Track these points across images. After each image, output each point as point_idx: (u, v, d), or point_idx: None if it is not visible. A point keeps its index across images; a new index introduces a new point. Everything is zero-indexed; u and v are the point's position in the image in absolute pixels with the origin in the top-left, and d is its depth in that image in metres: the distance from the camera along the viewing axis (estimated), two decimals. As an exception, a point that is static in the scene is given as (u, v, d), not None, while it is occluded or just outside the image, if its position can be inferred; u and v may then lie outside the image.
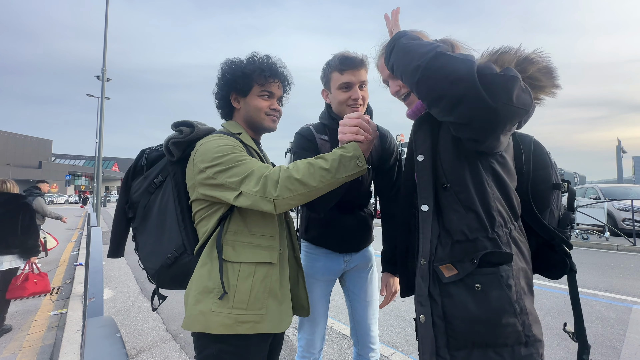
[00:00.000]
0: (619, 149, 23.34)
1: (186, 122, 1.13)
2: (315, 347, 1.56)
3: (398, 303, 4.09)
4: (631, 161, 39.21)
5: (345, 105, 1.42)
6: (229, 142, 1.08)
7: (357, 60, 1.37)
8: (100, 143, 12.29)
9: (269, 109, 1.23)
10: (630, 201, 8.40)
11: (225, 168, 1.01)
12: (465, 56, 0.77)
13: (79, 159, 77.66)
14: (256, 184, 0.98)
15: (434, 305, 0.85)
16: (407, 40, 0.89)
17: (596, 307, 3.93)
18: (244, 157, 1.05)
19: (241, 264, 1.04)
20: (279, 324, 1.07)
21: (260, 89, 1.21)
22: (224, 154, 1.03)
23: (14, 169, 54.03)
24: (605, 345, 2.94)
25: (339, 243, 1.56)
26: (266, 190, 0.96)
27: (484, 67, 0.74)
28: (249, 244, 1.07)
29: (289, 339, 3.08)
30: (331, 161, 1.00)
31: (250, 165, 1.02)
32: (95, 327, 0.90)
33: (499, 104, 0.71)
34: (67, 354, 2.86)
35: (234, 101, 1.25)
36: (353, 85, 1.39)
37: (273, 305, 1.07)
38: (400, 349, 2.91)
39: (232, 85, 1.21)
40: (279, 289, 1.10)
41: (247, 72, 1.19)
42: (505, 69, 0.76)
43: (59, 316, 3.91)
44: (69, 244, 9.50)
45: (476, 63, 0.75)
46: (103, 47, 11.76)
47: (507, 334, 0.79)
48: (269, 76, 1.20)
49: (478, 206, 0.85)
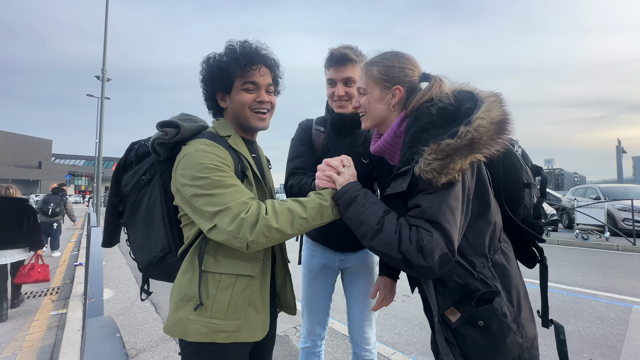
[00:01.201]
0: (619, 149, 23.34)
1: (171, 121, 1.07)
2: (315, 333, 1.66)
3: (398, 303, 4.09)
4: (631, 161, 39.19)
5: (332, 100, 1.45)
6: (213, 157, 1.00)
7: (340, 57, 1.36)
8: (100, 143, 12.29)
9: (255, 102, 1.11)
10: (630, 201, 8.41)
11: (203, 193, 0.95)
12: (392, 233, 0.91)
13: (79, 159, 77.69)
14: (231, 222, 0.92)
15: (453, 348, 0.98)
16: (361, 207, 0.99)
17: (596, 307, 3.93)
18: (225, 181, 0.97)
19: (222, 274, 1.02)
20: (255, 334, 1.06)
21: (242, 82, 1.09)
22: (204, 176, 0.96)
23: (14, 169, 54.03)
24: (605, 345, 2.94)
25: (335, 242, 1.58)
26: (240, 232, 0.91)
27: (408, 245, 0.87)
28: (231, 255, 1.04)
29: (289, 339, 3.08)
30: (310, 210, 0.98)
31: (229, 197, 0.95)
32: (95, 327, 0.91)
33: (433, 263, 0.86)
34: (67, 354, 2.86)
35: (221, 100, 1.16)
36: (336, 82, 1.40)
37: (252, 315, 1.05)
38: (400, 349, 2.91)
39: (213, 84, 1.12)
40: (259, 299, 1.08)
41: (223, 66, 1.08)
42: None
43: (59, 316, 3.91)
44: (69, 244, 9.50)
45: (404, 239, 0.88)
46: (103, 47, 11.76)
47: (513, 350, 0.95)
48: (246, 64, 1.07)
49: (459, 258, 0.96)
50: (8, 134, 56.15)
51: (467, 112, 0.96)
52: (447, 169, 0.87)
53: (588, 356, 2.74)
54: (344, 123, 1.47)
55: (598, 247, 8.03)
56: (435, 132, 0.95)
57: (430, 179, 0.88)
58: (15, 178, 53.20)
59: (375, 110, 1.11)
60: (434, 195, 0.90)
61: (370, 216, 0.95)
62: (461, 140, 0.88)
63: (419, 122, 1.01)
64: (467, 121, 0.91)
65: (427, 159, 0.89)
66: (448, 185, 0.89)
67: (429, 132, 0.97)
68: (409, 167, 0.94)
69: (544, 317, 1.15)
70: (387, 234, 0.91)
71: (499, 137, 0.92)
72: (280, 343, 2.99)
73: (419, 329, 3.33)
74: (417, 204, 0.92)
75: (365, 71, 1.12)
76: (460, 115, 0.97)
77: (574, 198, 10.64)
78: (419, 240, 0.86)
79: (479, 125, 0.90)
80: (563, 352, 1.09)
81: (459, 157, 0.88)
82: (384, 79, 1.08)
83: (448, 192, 0.90)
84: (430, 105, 1.02)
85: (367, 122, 1.15)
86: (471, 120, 0.91)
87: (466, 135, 0.89)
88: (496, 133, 0.91)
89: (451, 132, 0.92)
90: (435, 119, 0.98)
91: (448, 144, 0.89)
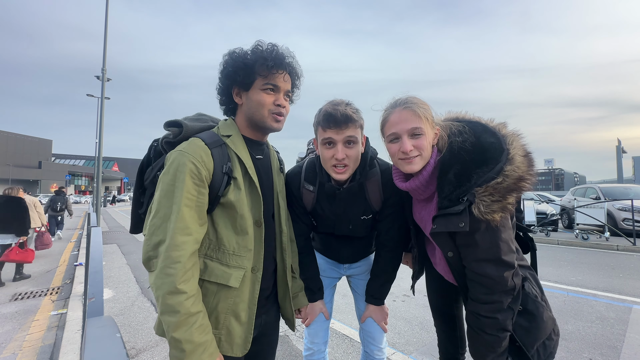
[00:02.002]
0: (619, 149, 23.33)
1: (176, 121, 1.09)
2: (318, 336, 1.63)
3: (398, 304, 4.09)
4: (631, 161, 39.18)
5: (330, 165, 1.30)
6: (185, 159, 0.96)
7: (342, 118, 1.23)
8: (100, 143, 12.28)
9: (273, 105, 1.10)
10: (630, 201, 8.40)
11: (154, 210, 0.95)
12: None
13: (79, 159, 77.67)
14: (151, 249, 0.93)
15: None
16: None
17: (596, 307, 3.93)
18: (175, 195, 0.93)
19: (204, 282, 1.01)
20: (236, 348, 1.03)
21: (264, 82, 1.08)
22: (162, 192, 0.95)
23: (14, 169, 54.03)
24: (605, 345, 2.94)
25: (336, 258, 1.70)
26: (148, 262, 0.93)
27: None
28: (218, 261, 1.03)
29: (289, 339, 3.08)
30: (190, 343, 0.88)
31: (165, 222, 0.93)
32: (95, 327, 0.90)
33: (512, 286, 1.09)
34: (67, 354, 2.86)
35: (236, 96, 1.14)
36: (336, 143, 1.27)
37: (234, 327, 1.03)
38: (400, 349, 2.91)
39: (233, 78, 1.10)
40: (244, 311, 1.05)
41: (248, 63, 1.07)
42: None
43: (59, 316, 3.91)
44: (69, 244, 9.49)
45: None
46: (103, 48, 11.76)
47: (549, 324, 1.12)
48: (273, 67, 1.07)
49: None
50: (8, 134, 56.11)
51: (494, 146, 1.05)
52: (505, 209, 0.99)
53: (588, 356, 2.74)
54: (340, 194, 1.41)
55: (598, 247, 8.02)
56: (481, 170, 1.03)
57: (490, 220, 0.99)
58: (15, 178, 53.17)
59: (429, 151, 1.15)
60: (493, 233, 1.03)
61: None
62: (510, 179, 0.99)
63: (459, 160, 1.09)
64: (509, 159, 1.01)
65: (485, 200, 0.99)
66: (504, 221, 1.03)
67: (475, 171, 1.04)
68: (463, 208, 1.01)
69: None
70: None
71: (532, 169, 1.03)
72: (281, 343, 2.99)
73: (419, 329, 3.33)
74: (476, 242, 1.04)
75: (419, 111, 1.12)
76: (487, 148, 1.06)
77: (574, 198, 10.63)
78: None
79: (520, 163, 1.01)
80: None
81: (512, 194, 0.99)
82: (430, 120, 1.15)
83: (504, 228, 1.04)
84: (463, 141, 1.11)
85: (420, 162, 1.14)
86: (511, 158, 1.01)
87: (513, 173, 0.99)
88: (529, 166, 1.03)
89: (496, 169, 1.01)
90: (474, 156, 1.07)
91: (501, 183, 0.99)
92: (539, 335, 1.10)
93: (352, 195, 1.43)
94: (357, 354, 2.81)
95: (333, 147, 1.29)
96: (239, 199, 1.04)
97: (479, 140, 1.09)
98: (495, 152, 1.04)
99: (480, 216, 0.99)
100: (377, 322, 1.56)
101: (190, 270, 0.93)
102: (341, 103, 1.29)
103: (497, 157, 1.02)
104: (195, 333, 0.89)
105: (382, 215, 1.48)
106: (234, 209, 1.03)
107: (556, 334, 1.15)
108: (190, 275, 0.92)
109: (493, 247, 1.02)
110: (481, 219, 1.00)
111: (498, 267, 1.03)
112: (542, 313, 1.10)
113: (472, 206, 1.00)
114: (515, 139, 1.07)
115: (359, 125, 1.30)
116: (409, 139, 1.13)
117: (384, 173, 1.44)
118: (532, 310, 1.10)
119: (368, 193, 1.44)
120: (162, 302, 0.88)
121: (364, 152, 1.37)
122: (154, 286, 0.90)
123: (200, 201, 0.97)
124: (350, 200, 1.44)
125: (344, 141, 1.27)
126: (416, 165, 1.14)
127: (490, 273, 1.03)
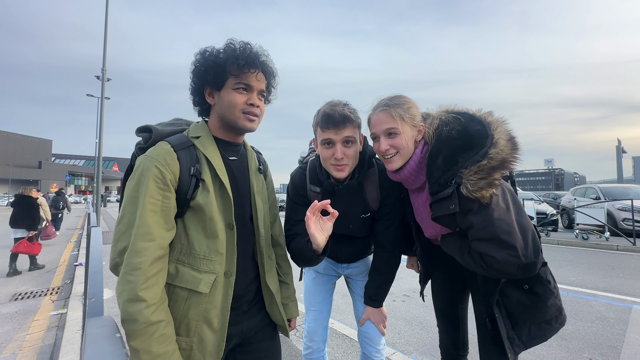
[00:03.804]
0: (619, 149, 23.33)
1: (146, 127, 1.08)
2: (317, 335, 1.65)
3: (398, 304, 4.09)
4: (631, 161, 39.20)
5: (329, 164, 1.35)
6: (144, 176, 0.94)
7: (340, 118, 1.27)
8: (100, 143, 12.28)
9: (246, 105, 1.06)
10: (630, 201, 8.40)
11: (120, 216, 0.94)
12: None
13: (79, 159, 77.71)
14: (118, 255, 0.92)
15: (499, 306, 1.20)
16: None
17: (596, 307, 3.93)
18: (138, 212, 0.92)
19: (175, 287, 0.98)
20: (204, 355, 0.99)
21: (236, 81, 1.05)
22: (127, 198, 0.94)
23: (14, 169, 54.00)
24: (605, 345, 2.94)
25: (334, 257, 1.69)
26: (124, 271, 0.90)
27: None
28: (189, 266, 1.00)
29: (289, 339, 3.08)
30: (148, 354, 0.85)
31: (132, 239, 0.90)
32: (95, 327, 0.90)
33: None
34: (67, 354, 2.86)
35: (209, 96, 1.11)
36: (335, 143, 1.31)
37: (207, 335, 1.00)
38: (400, 349, 2.91)
39: (205, 78, 1.07)
40: (216, 317, 1.01)
41: (219, 61, 1.04)
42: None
43: (59, 316, 3.91)
44: (69, 244, 9.50)
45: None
46: (103, 48, 11.76)
47: (552, 310, 1.15)
48: (245, 65, 1.04)
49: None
50: (8, 134, 56.13)
51: (480, 132, 1.13)
52: (492, 184, 1.04)
53: (588, 356, 2.74)
54: (340, 191, 1.44)
55: (598, 247, 8.03)
56: (467, 154, 1.11)
57: (479, 197, 1.04)
58: (15, 178, 53.18)
59: (410, 148, 1.25)
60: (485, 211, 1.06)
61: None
62: (495, 161, 1.06)
63: (447, 147, 1.16)
64: (493, 143, 1.08)
65: (472, 179, 1.05)
66: (492, 200, 1.07)
67: (461, 155, 1.12)
68: (452, 190, 1.08)
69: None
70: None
71: (516, 152, 1.11)
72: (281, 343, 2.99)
73: (419, 329, 3.33)
74: (472, 223, 1.08)
75: (395, 113, 1.23)
76: (473, 135, 1.14)
77: (574, 198, 10.64)
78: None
79: (504, 146, 1.08)
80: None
81: (496, 172, 1.05)
82: (411, 118, 1.24)
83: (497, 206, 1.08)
84: (450, 129, 1.19)
85: (399, 161, 1.27)
86: (495, 142, 1.08)
87: (497, 155, 1.06)
88: (512, 149, 1.10)
89: (481, 153, 1.08)
90: (461, 143, 1.14)
91: (486, 164, 1.05)
92: (536, 315, 1.14)
93: (351, 193, 1.44)
94: (357, 353, 2.81)
95: (332, 147, 1.32)
96: (208, 202, 1.01)
97: (465, 129, 1.17)
98: (480, 138, 1.12)
99: (469, 195, 1.05)
100: (375, 324, 1.55)
101: (154, 277, 0.89)
102: (339, 104, 1.32)
103: (482, 142, 1.10)
104: (155, 343, 0.86)
105: (379, 214, 1.50)
106: (202, 211, 1.01)
107: (558, 323, 1.18)
108: (153, 282, 0.89)
109: (488, 225, 1.04)
110: (471, 197, 1.05)
111: (498, 246, 1.04)
112: (548, 298, 1.13)
113: (460, 187, 1.07)
114: (500, 125, 1.15)
115: (356, 125, 1.33)
116: (386, 138, 1.25)
117: (381, 173, 1.45)
118: (538, 292, 1.13)
119: (366, 192, 1.46)
120: (122, 309, 0.86)
121: (362, 151, 1.41)
122: (116, 293, 0.88)
123: (166, 205, 0.95)
124: (350, 199, 1.45)
125: (343, 141, 1.30)
126: (395, 164, 1.26)
127: (490, 252, 1.05)
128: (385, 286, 1.53)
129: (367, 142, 1.46)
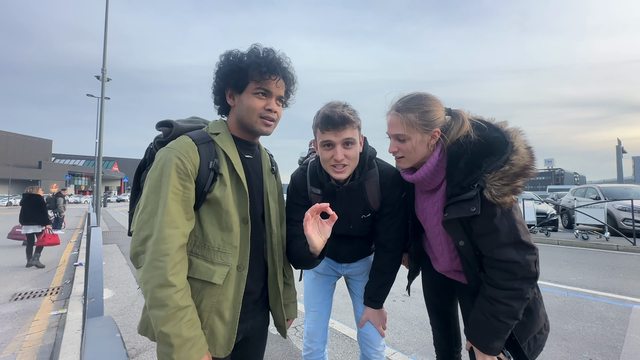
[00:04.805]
0: (619, 149, 23.32)
1: (167, 121, 1.11)
2: (317, 336, 1.64)
3: (398, 304, 4.09)
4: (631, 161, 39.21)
5: (329, 165, 1.34)
6: (171, 154, 0.98)
7: (340, 119, 1.26)
8: (100, 143, 12.29)
9: (264, 110, 1.10)
10: (630, 201, 8.40)
11: (142, 206, 0.96)
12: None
13: (79, 159, 77.69)
14: (139, 244, 0.93)
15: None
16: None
17: (596, 307, 3.93)
18: (161, 190, 0.94)
19: (188, 279, 0.99)
20: (218, 349, 1.01)
21: (256, 86, 1.09)
22: (150, 187, 0.96)
23: (14, 169, 54.01)
24: (605, 345, 2.94)
25: (334, 257, 1.68)
26: (135, 258, 0.93)
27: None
28: (202, 258, 1.02)
29: (289, 339, 3.08)
30: (178, 338, 0.87)
31: (152, 217, 0.93)
32: (95, 327, 0.90)
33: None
34: (67, 354, 2.86)
35: (229, 98, 1.15)
36: (335, 145, 1.30)
37: (218, 326, 1.01)
38: (400, 349, 2.91)
39: (227, 80, 1.11)
40: (228, 309, 1.03)
41: (242, 66, 1.07)
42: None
43: (59, 316, 3.91)
44: (69, 244, 9.50)
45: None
46: (103, 48, 11.76)
47: (542, 319, 1.18)
48: (266, 72, 1.07)
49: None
50: (8, 134, 56.12)
51: (499, 140, 1.15)
52: (515, 191, 1.07)
53: (588, 356, 2.74)
54: (340, 193, 1.43)
55: (598, 247, 8.02)
56: (489, 159, 1.12)
57: (501, 203, 1.07)
58: (15, 178, 53.18)
59: (418, 153, 1.25)
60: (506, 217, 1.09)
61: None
62: (517, 167, 1.08)
63: (468, 150, 1.17)
64: (514, 150, 1.11)
65: (496, 185, 1.07)
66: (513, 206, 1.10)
67: (484, 160, 1.13)
68: (475, 193, 1.10)
69: None
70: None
71: (533, 161, 1.13)
72: (280, 343, 2.99)
73: (419, 329, 3.33)
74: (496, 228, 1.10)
75: (404, 119, 1.22)
76: (492, 141, 1.16)
77: (574, 198, 10.64)
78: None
79: (524, 154, 1.11)
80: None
81: (520, 179, 1.08)
82: (424, 124, 1.22)
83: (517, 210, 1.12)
84: (468, 135, 1.19)
85: (407, 163, 1.30)
86: (516, 149, 1.11)
87: (518, 162, 1.09)
88: (531, 158, 1.12)
89: (503, 159, 1.10)
90: (481, 148, 1.16)
91: (509, 170, 1.08)
92: (532, 329, 1.16)
93: (351, 194, 1.43)
94: (357, 354, 2.81)
95: (332, 148, 1.31)
96: (225, 195, 1.03)
97: (484, 135, 1.18)
98: (500, 144, 1.14)
99: (492, 200, 1.07)
100: (375, 325, 1.54)
101: (180, 264, 0.92)
102: (338, 105, 1.31)
103: (503, 148, 1.13)
104: (184, 327, 0.88)
105: (380, 214, 1.49)
106: (219, 205, 1.03)
107: (546, 329, 1.21)
108: (180, 268, 0.92)
109: (512, 229, 1.08)
110: (493, 202, 1.07)
111: (519, 249, 1.07)
112: (538, 309, 1.17)
113: (483, 191, 1.09)
114: (517, 134, 1.17)
115: (356, 126, 1.32)
116: (394, 141, 1.28)
117: (382, 173, 1.45)
118: (530, 306, 1.16)
119: (367, 193, 1.45)
120: (151, 295, 0.87)
121: (362, 151, 1.40)
122: (142, 281, 0.89)
123: (187, 195, 0.98)
124: (350, 200, 1.45)
125: (343, 142, 1.30)
126: (403, 165, 1.31)
127: (513, 257, 1.07)
128: (386, 287, 1.53)
129: (368, 143, 1.46)
